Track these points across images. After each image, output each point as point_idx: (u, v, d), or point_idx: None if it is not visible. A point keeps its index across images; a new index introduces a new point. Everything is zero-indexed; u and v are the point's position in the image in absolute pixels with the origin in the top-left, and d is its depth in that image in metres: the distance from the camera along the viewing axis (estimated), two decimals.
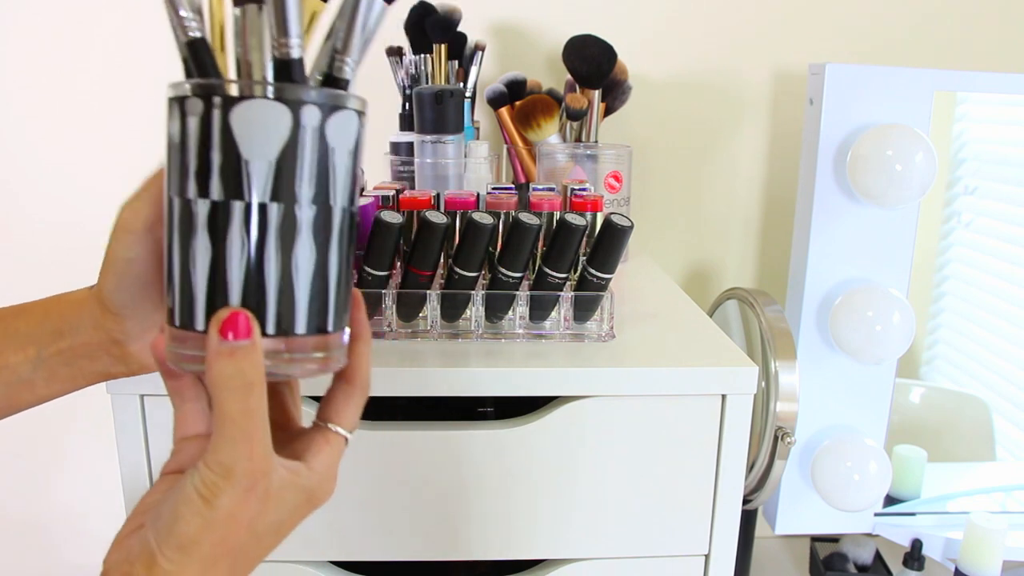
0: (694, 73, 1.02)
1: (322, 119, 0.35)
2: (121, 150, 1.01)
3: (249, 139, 0.34)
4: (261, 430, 0.34)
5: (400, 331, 0.59)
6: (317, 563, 0.58)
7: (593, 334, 0.60)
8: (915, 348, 0.99)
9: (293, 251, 0.35)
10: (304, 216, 0.35)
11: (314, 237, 0.35)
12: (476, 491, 0.56)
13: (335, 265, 0.36)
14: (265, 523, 0.36)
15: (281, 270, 0.35)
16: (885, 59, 1.02)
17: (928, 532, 0.94)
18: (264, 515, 0.35)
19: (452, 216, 0.59)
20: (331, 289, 0.36)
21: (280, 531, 0.37)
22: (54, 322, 0.43)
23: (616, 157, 0.82)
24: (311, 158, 0.34)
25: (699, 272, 1.09)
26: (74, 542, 1.15)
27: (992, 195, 1.01)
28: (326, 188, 0.35)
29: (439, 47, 0.85)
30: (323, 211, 0.35)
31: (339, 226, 0.36)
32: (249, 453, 0.33)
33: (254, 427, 0.33)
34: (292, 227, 0.35)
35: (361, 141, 0.37)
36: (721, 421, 0.56)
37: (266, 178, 0.34)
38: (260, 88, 0.35)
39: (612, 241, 0.57)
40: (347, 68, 0.38)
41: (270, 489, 0.35)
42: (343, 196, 0.36)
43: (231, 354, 0.33)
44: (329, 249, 0.36)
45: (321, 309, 0.36)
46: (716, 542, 0.59)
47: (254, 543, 0.36)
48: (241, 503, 0.34)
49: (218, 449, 0.33)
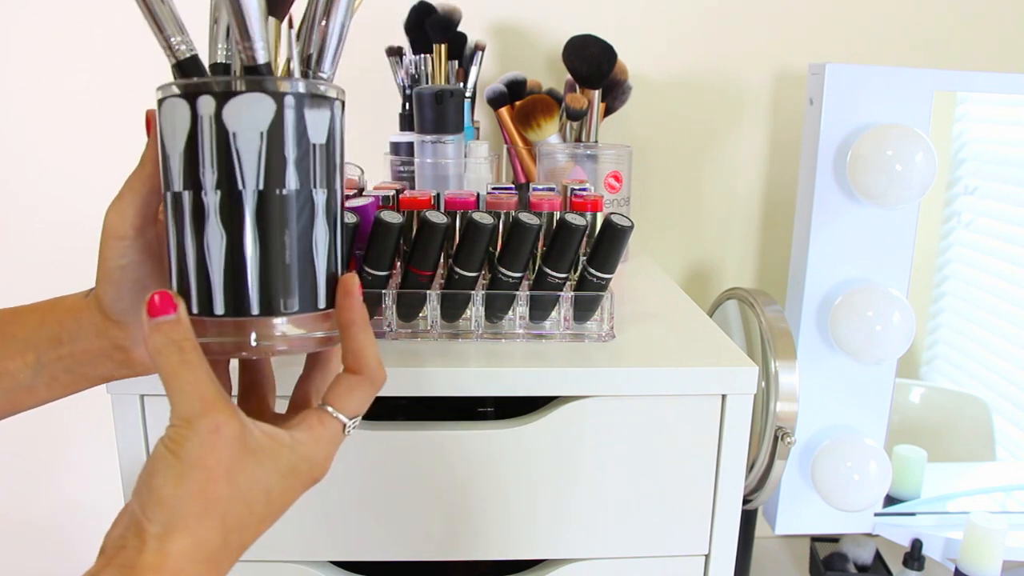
0: (694, 73, 1.02)
1: (216, 106, 0.36)
2: (121, 150, 1.01)
3: (168, 133, 0.37)
4: (206, 377, 0.36)
5: (400, 331, 0.59)
6: (317, 563, 0.58)
7: (593, 334, 0.60)
8: (915, 348, 0.99)
9: (204, 235, 0.37)
10: (210, 201, 0.37)
11: (221, 220, 0.37)
12: (476, 491, 0.56)
13: (251, 247, 0.37)
14: (247, 480, 0.36)
15: (196, 253, 0.37)
16: (885, 59, 1.02)
17: (928, 532, 0.94)
18: (242, 469, 0.36)
19: (452, 216, 0.59)
20: (248, 271, 0.37)
21: (270, 499, 0.37)
22: (52, 329, 0.43)
23: (616, 157, 0.82)
24: (208, 144, 0.36)
25: (699, 272, 1.09)
26: (74, 542, 1.15)
27: (992, 195, 1.01)
28: (229, 172, 0.36)
29: (439, 47, 0.85)
30: (228, 195, 0.36)
31: (253, 208, 0.37)
32: (200, 396, 0.35)
33: (197, 375, 0.35)
34: (200, 212, 0.37)
35: (284, 122, 0.37)
36: (721, 421, 0.56)
37: (178, 169, 0.37)
38: (169, 87, 0.37)
39: (612, 241, 0.57)
40: (257, 53, 0.38)
41: (244, 440, 0.36)
42: (255, 178, 0.37)
43: (157, 328, 0.36)
44: (243, 231, 0.37)
45: (239, 291, 0.37)
46: (716, 542, 0.59)
47: (241, 504, 0.36)
48: (208, 448, 0.35)
49: (175, 405, 0.35)
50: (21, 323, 0.44)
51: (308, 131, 0.38)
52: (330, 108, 0.39)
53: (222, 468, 0.35)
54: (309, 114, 0.38)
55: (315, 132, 0.38)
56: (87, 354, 0.44)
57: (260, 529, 0.37)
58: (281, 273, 0.38)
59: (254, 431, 0.37)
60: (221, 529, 0.35)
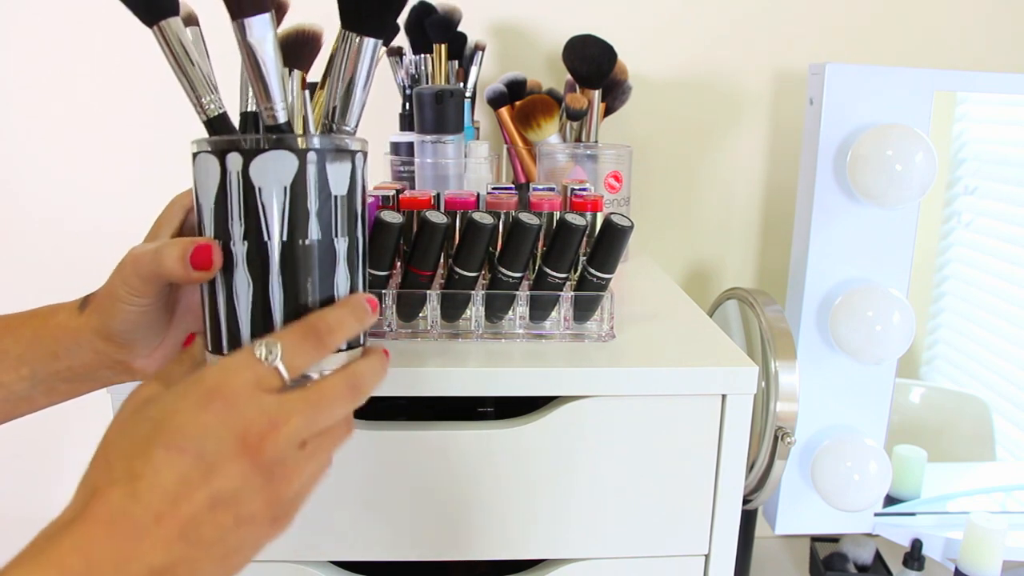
0: (694, 73, 1.02)
1: (244, 162, 0.38)
2: (121, 150, 1.01)
3: (201, 187, 0.40)
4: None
5: (400, 331, 0.59)
6: (317, 563, 0.58)
7: (593, 334, 0.60)
8: (915, 348, 0.99)
9: (232, 282, 0.40)
10: (238, 251, 0.39)
11: (248, 269, 0.39)
12: (476, 491, 0.56)
13: (276, 293, 0.39)
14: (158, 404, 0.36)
15: (226, 299, 0.40)
16: (885, 59, 1.02)
17: (928, 532, 0.94)
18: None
19: (452, 216, 0.59)
20: (275, 314, 0.40)
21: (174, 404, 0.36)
22: (47, 344, 0.43)
23: (616, 157, 0.82)
24: (237, 198, 0.39)
25: (699, 272, 1.09)
26: None
27: (992, 195, 1.01)
28: (256, 224, 0.39)
29: (439, 47, 0.85)
30: (256, 246, 0.39)
31: (278, 258, 0.39)
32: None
33: None
34: (230, 261, 0.39)
35: (306, 177, 0.39)
36: (721, 421, 0.56)
37: (209, 221, 0.40)
38: (202, 142, 0.40)
39: (612, 241, 0.57)
40: (277, 113, 0.41)
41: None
42: (279, 230, 0.39)
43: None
44: (269, 279, 0.39)
45: (266, 333, 0.39)
46: (716, 542, 0.59)
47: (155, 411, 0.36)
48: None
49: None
50: (13, 337, 0.44)
51: (330, 184, 0.40)
52: (351, 160, 0.41)
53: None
54: (331, 168, 0.40)
55: (336, 184, 0.40)
56: (85, 367, 0.44)
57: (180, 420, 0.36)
58: (304, 315, 0.40)
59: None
60: (149, 432, 0.35)
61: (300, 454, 0.37)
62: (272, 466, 0.36)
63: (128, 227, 1.04)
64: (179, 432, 0.34)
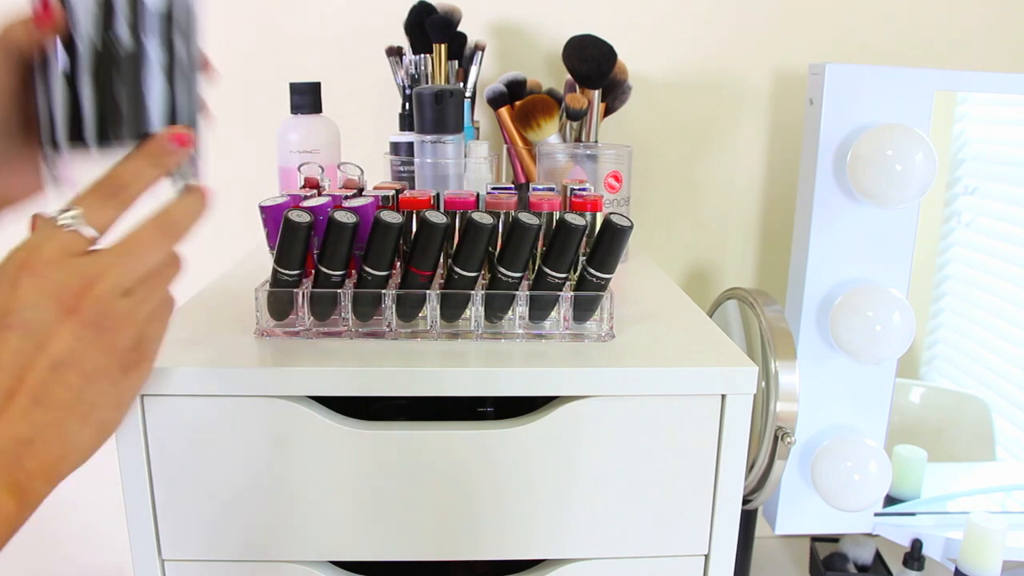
0: (694, 73, 1.02)
1: None
2: None
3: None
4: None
5: (400, 331, 0.59)
6: (317, 563, 0.58)
7: (593, 334, 0.60)
8: (915, 348, 0.99)
9: (48, 79, 0.42)
10: (52, 48, 0.42)
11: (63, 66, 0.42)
12: (475, 491, 0.56)
13: (87, 93, 0.42)
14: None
15: (46, 98, 0.43)
16: (885, 59, 1.02)
17: (928, 532, 0.94)
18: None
19: (452, 216, 0.59)
20: (85, 118, 0.42)
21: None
22: None
23: (616, 157, 0.82)
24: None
25: (699, 272, 1.09)
26: (74, 542, 1.15)
27: (992, 195, 1.01)
28: (71, 19, 0.41)
29: (439, 47, 0.85)
30: (67, 41, 0.42)
31: (88, 57, 0.42)
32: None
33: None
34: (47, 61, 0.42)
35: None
36: (721, 421, 0.56)
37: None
38: None
39: (612, 241, 0.57)
40: None
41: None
42: (88, 28, 0.41)
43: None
44: (78, 77, 0.42)
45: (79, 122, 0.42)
46: (716, 542, 0.58)
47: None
48: None
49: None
50: None
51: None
52: None
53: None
54: None
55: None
56: None
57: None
58: (117, 124, 0.42)
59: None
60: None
61: (128, 301, 0.40)
62: (98, 320, 0.39)
63: None
64: (2, 312, 0.37)
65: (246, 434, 0.54)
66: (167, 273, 0.43)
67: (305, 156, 0.77)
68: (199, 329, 0.60)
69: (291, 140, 0.78)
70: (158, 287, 0.42)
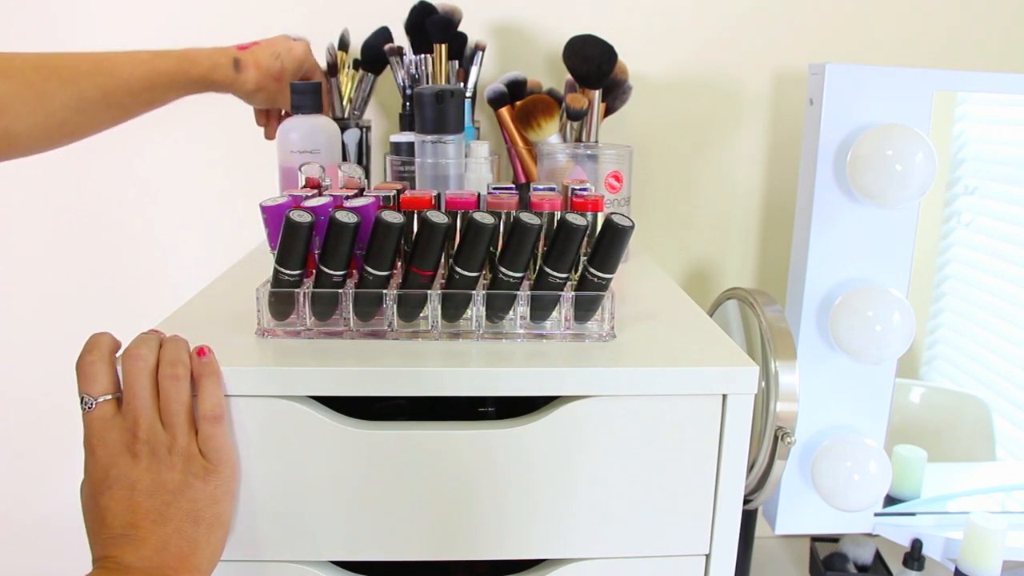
0: (694, 73, 1.02)
1: None
2: (121, 149, 1.01)
3: None
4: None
5: (401, 331, 0.59)
6: (317, 563, 0.58)
7: (594, 334, 0.60)
8: (915, 348, 0.99)
9: None
10: None
11: None
12: (476, 491, 0.56)
13: None
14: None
15: None
16: (885, 59, 1.02)
17: (928, 532, 0.94)
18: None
19: (453, 216, 0.59)
20: None
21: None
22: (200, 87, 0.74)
23: (616, 157, 0.82)
24: None
25: (699, 272, 1.09)
26: (75, 542, 1.15)
27: (992, 195, 1.01)
28: None
29: (439, 47, 0.85)
30: None
31: None
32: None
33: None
34: None
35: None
36: (721, 421, 0.56)
37: None
38: None
39: (613, 241, 0.57)
40: None
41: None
42: None
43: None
44: None
45: None
46: (716, 542, 0.59)
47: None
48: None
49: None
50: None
51: None
52: None
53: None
54: None
55: None
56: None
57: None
58: None
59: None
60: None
61: (165, 430, 0.52)
62: (151, 451, 0.51)
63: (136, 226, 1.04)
64: (100, 479, 0.52)
65: (247, 434, 0.54)
66: (175, 375, 0.52)
67: (306, 156, 0.77)
68: (200, 329, 0.60)
69: (292, 140, 0.78)
70: (176, 407, 0.52)
